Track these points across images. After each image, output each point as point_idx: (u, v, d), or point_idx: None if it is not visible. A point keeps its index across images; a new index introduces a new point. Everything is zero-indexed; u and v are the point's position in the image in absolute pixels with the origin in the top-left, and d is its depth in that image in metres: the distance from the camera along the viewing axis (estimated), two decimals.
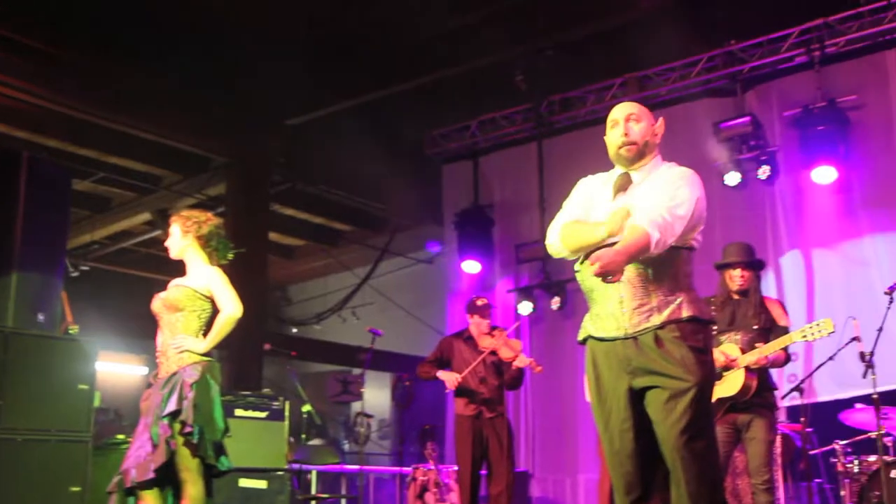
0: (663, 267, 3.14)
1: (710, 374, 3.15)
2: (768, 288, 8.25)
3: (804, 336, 4.91)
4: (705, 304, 3.29)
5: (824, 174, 7.90)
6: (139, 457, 4.09)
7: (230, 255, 4.65)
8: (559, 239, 3.32)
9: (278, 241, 14.33)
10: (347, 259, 14.38)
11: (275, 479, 6.81)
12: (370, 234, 13.91)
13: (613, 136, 3.32)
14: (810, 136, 7.93)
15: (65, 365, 5.78)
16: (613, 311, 3.16)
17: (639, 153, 3.29)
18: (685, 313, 3.12)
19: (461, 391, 6.44)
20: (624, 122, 3.29)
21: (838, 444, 5.87)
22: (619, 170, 3.35)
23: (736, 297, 5.22)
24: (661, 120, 3.39)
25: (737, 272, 5.22)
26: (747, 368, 4.93)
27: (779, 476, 6.04)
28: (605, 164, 3.46)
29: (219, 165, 11.38)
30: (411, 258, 14.06)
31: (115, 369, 14.00)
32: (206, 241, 4.53)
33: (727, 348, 5.04)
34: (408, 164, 11.28)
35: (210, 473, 4.20)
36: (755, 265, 5.28)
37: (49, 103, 9.57)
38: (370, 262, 13.60)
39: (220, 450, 4.26)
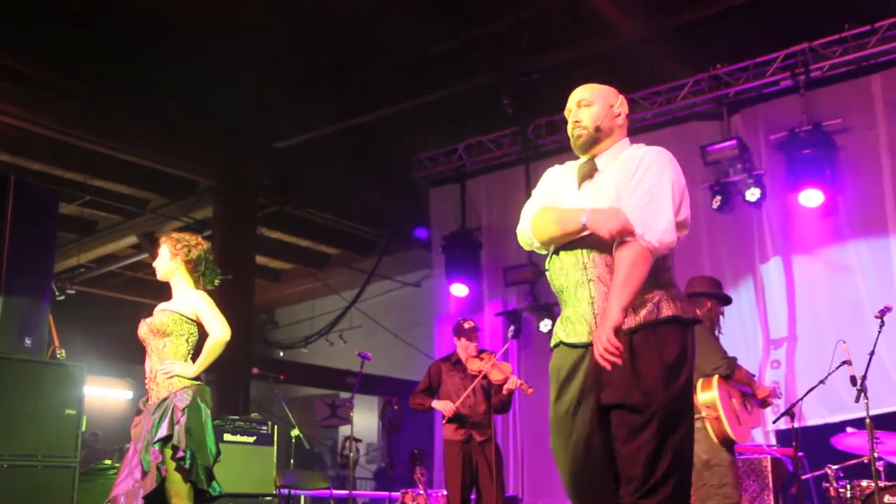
0: None
1: (681, 392, 2.80)
2: (756, 311, 8.30)
3: None
4: (688, 303, 2.96)
5: (811, 197, 7.96)
6: (128, 484, 4.03)
7: (217, 281, 4.62)
8: (530, 227, 3.04)
9: (265, 265, 14.29)
10: (334, 282, 14.36)
11: None
12: (357, 258, 13.91)
13: (569, 126, 3.10)
14: (797, 160, 8.00)
15: (52, 390, 5.71)
16: (585, 313, 2.86)
17: (592, 139, 3.03)
18: (664, 313, 2.82)
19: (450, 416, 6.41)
20: (576, 108, 3.08)
21: (830, 469, 5.85)
22: (584, 158, 3.11)
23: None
24: (620, 99, 3.12)
25: (710, 303, 5.34)
26: None
27: (770, 500, 6.03)
28: None
29: (205, 188, 11.36)
30: (399, 281, 14.05)
31: (99, 393, 13.88)
32: (194, 266, 4.50)
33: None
34: (395, 187, 11.30)
35: (201, 499, 4.15)
36: (725, 299, 5.43)
37: (35, 126, 9.56)
38: (357, 286, 13.58)
39: (210, 475, 4.22)
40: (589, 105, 3.06)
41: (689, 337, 2.88)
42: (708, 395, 5.04)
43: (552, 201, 3.04)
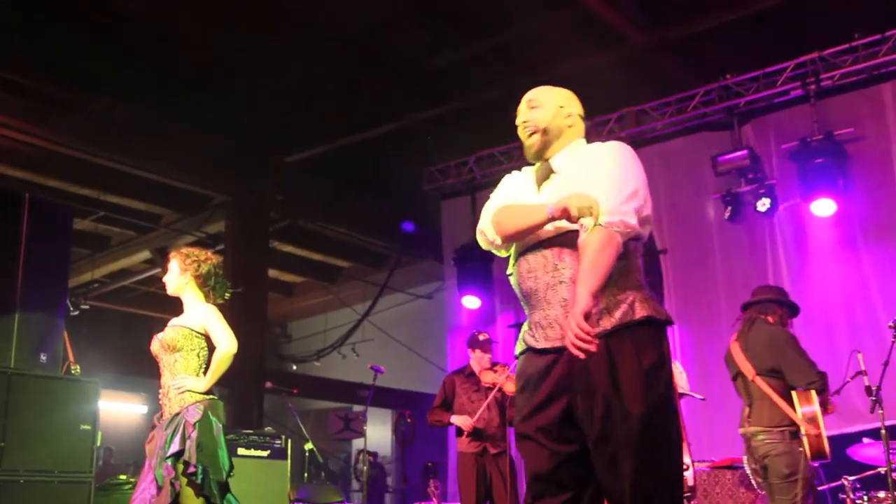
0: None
1: (663, 397, 2.67)
2: None
3: None
4: (659, 303, 2.82)
5: (823, 207, 7.92)
6: (144, 499, 4.05)
7: (227, 295, 4.64)
8: (492, 223, 2.92)
9: (278, 278, 14.34)
10: (347, 295, 14.39)
11: None
12: (369, 271, 13.94)
13: (519, 129, 3.00)
14: (808, 169, 7.97)
15: (67, 405, 5.74)
16: (557, 316, 2.72)
17: (543, 141, 2.95)
18: (639, 314, 2.69)
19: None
20: (526, 110, 2.99)
21: (847, 480, 5.80)
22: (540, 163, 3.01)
23: None
24: (571, 100, 3.04)
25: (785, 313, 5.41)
26: None
27: None
28: None
29: (218, 203, 11.43)
30: (411, 294, 14.06)
31: (114, 408, 13.94)
32: (204, 280, 4.53)
33: None
34: (406, 200, 11.32)
35: None
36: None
37: (49, 144, 9.64)
38: (370, 299, 13.59)
39: (224, 489, 4.23)
40: (539, 106, 2.98)
41: (665, 337, 2.77)
42: (809, 409, 4.91)
43: (513, 199, 2.95)
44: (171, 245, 11.57)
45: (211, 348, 4.40)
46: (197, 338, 4.38)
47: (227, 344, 4.34)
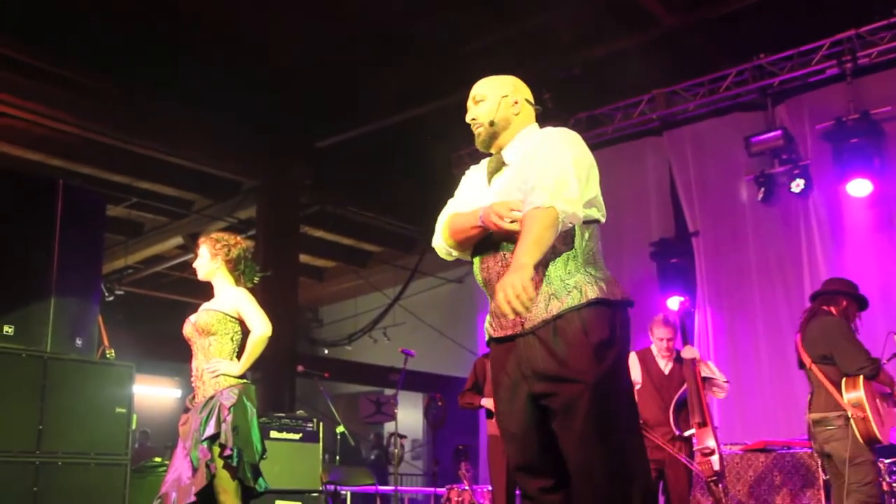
0: (556, 245, 2.71)
1: (612, 372, 2.67)
2: (805, 302, 8.15)
3: None
4: (615, 285, 2.77)
5: (859, 187, 7.81)
6: (179, 480, 4.10)
7: (256, 279, 4.67)
8: (441, 236, 3.01)
9: (309, 263, 14.42)
10: (377, 280, 14.44)
11: (310, 500, 6.81)
12: (400, 255, 13.96)
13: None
14: (844, 149, 7.85)
15: (102, 389, 5.82)
16: None
17: (490, 134, 2.96)
18: (589, 295, 2.67)
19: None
20: (472, 105, 3.00)
21: (883, 463, 5.74)
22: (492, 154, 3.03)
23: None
24: (515, 86, 3.00)
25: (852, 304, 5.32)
26: None
27: (822, 496, 5.95)
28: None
29: (249, 189, 11.50)
30: (441, 278, 14.07)
31: (148, 392, 14.12)
32: (234, 265, 4.55)
33: None
34: (436, 183, 11.30)
35: (248, 495, 4.21)
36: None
37: (83, 131, 9.75)
38: (400, 283, 13.63)
39: (256, 471, 4.27)
40: (484, 99, 2.98)
41: (618, 319, 2.74)
42: (854, 394, 4.98)
43: (463, 205, 2.99)
44: (203, 231, 11.67)
45: (245, 332, 4.43)
46: (231, 322, 4.41)
47: (261, 327, 4.36)
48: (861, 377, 4.99)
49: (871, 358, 5.06)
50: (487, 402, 6.39)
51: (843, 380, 5.02)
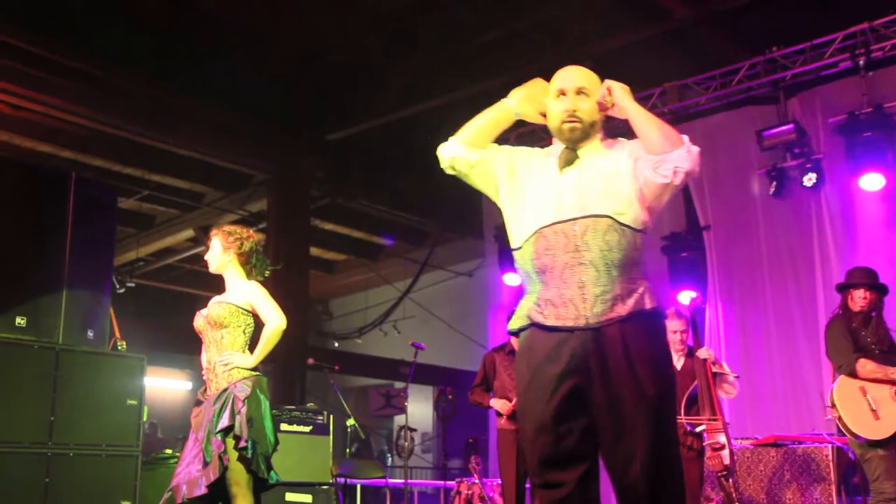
0: (627, 251, 2.77)
1: (670, 384, 2.82)
2: (816, 299, 8.13)
3: None
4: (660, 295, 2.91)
5: (872, 181, 7.76)
6: (190, 472, 4.10)
7: (267, 272, 4.67)
8: (458, 133, 3.00)
9: (319, 256, 14.44)
10: (388, 273, 14.45)
11: (320, 493, 6.82)
12: (410, 248, 13.97)
13: (557, 108, 2.89)
14: (857, 143, 7.80)
15: (114, 380, 5.84)
16: (573, 296, 2.75)
17: (584, 133, 2.89)
18: (648, 304, 2.77)
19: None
20: (574, 94, 2.87)
21: None
22: (559, 146, 2.97)
23: (864, 316, 5.27)
24: (606, 87, 2.89)
25: (859, 293, 5.25)
26: None
27: (833, 490, 5.93)
28: None
29: (260, 182, 11.52)
30: (452, 271, 14.08)
31: (159, 384, 14.18)
32: (246, 258, 4.55)
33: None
34: (447, 177, 11.30)
35: (260, 487, 4.22)
36: (879, 288, 5.30)
37: (95, 123, 9.78)
38: (411, 276, 13.64)
39: (269, 464, 4.28)
40: (589, 95, 2.88)
41: (663, 328, 2.93)
42: (830, 395, 5.16)
43: (509, 164, 3.03)
44: (214, 223, 11.69)
45: (257, 325, 4.43)
46: (243, 314, 4.41)
47: (275, 320, 4.36)
48: (842, 376, 5.11)
49: (847, 356, 5.12)
50: (496, 404, 6.37)
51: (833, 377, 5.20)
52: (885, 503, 4.87)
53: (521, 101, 3.00)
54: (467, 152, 3.04)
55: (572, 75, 2.91)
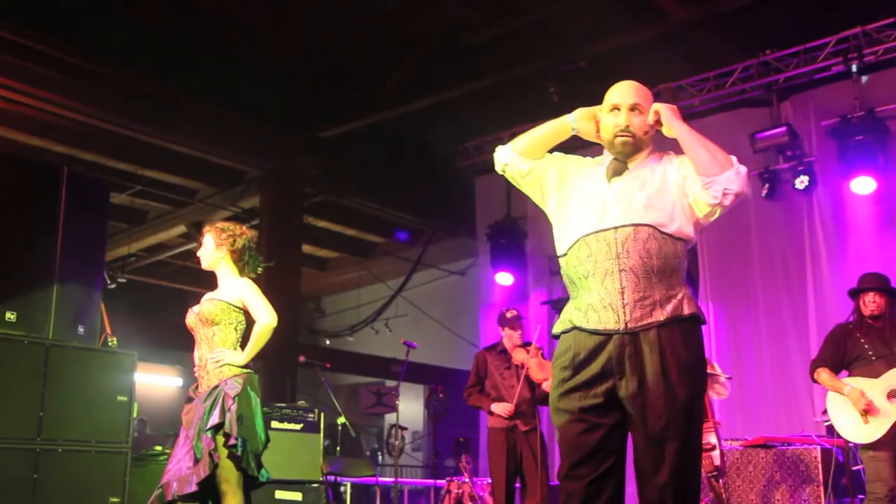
0: (667, 258, 2.88)
1: (701, 390, 2.91)
2: (807, 301, 8.16)
3: None
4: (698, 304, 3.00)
5: (863, 185, 7.80)
6: (180, 470, 4.10)
7: (260, 269, 4.67)
8: (514, 141, 3.11)
9: (312, 253, 14.41)
10: (380, 271, 14.44)
11: (310, 491, 6.83)
12: (403, 247, 13.95)
13: (610, 122, 3.00)
14: (849, 147, 7.84)
15: (104, 376, 5.84)
16: (613, 301, 2.86)
17: (635, 148, 3.00)
18: (687, 310, 2.87)
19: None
20: (627, 111, 2.98)
21: None
22: (608, 156, 3.08)
23: (869, 322, 5.31)
24: (654, 111, 3.00)
25: (869, 297, 5.30)
26: None
27: (821, 492, 5.96)
28: None
29: (253, 178, 11.49)
30: (444, 270, 14.08)
31: (150, 380, 14.14)
32: (239, 255, 4.55)
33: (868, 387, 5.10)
34: (440, 176, 11.31)
35: (250, 485, 4.22)
36: (889, 291, 5.34)
37: (88, 118, 9.73)
38: (403, 274, 13.63)
39: (259, 461, 4.27)
40: (641, 113, 2.99)
41: (702, 338, 2.97)
42: (826, 400, 5.32)
43: (561, 170, 3.11)
44: (207, 220, 11.66)
45: (249, 322, 4.43)
46: (235, 311, 4.40)
47: (266, 317, 4.36)
48: (838, 383, 5.22)
49: (814, 360, 5.37)
50: (496, 408, 6.36)
51: None
52: (874, 503, 4.93)
53: (581, 119, 3.07)
54: (520, 162, 3.13)
55: (627, 91, 3.02)
